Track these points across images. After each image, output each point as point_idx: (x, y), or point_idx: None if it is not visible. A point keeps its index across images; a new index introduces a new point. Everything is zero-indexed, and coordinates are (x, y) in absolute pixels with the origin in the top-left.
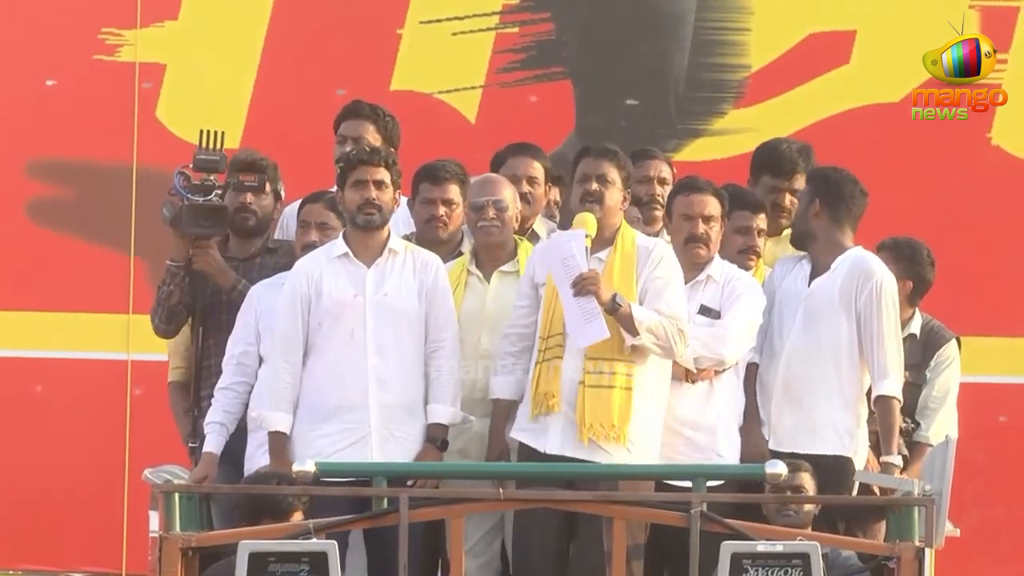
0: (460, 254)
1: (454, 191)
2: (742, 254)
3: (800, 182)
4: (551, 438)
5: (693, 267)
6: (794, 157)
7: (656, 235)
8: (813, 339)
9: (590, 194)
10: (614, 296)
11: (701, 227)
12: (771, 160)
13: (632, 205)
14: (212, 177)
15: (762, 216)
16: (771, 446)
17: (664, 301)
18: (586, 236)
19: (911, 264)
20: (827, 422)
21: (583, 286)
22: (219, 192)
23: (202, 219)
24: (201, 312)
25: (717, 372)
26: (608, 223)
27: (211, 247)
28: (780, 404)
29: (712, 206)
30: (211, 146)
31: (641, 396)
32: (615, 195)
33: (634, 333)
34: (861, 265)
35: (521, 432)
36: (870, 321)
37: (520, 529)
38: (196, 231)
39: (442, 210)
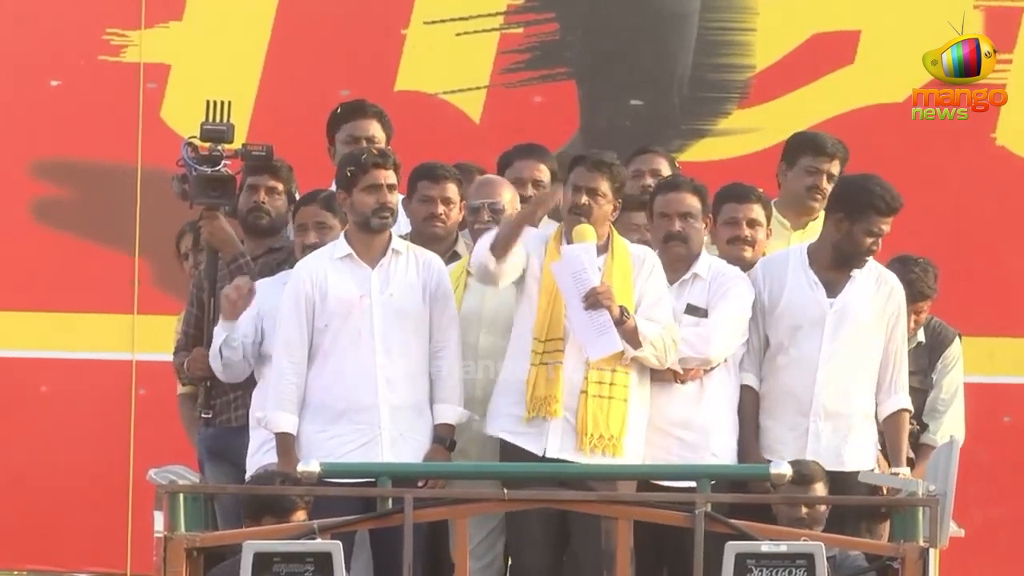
0: (455, 253)
1: (452, 190)
2: (731, 244)
3: (836, 168)
4: (551, 442)
5: (676, 265)
6: (835, 143)
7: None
8: (849, 354)
9: (578, 207)
10: (622, 309)
11: (677, 224)
12: (812, 142)
13: (634, 211)
14: (219, 147)
15: (749, 206)
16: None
17: (659, 310)
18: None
19: (934, 287)
20: (866, 435)
21: (597, 300)
22: (227, 163)
23: (210, 189)
24: (211, 285)
25: (706, 371)
26: (599, 232)
27: (218, 217)
28: (819, 421)
29: (689, 203)
30: (218, 116)
31: (634, 405)
32: (605, 207)
33: (637, 346)
34: (890, 283)
35: (514, 435)
36: (893, 339)
37: (515, 529)
38: (205, 201)
39: (441, 208)
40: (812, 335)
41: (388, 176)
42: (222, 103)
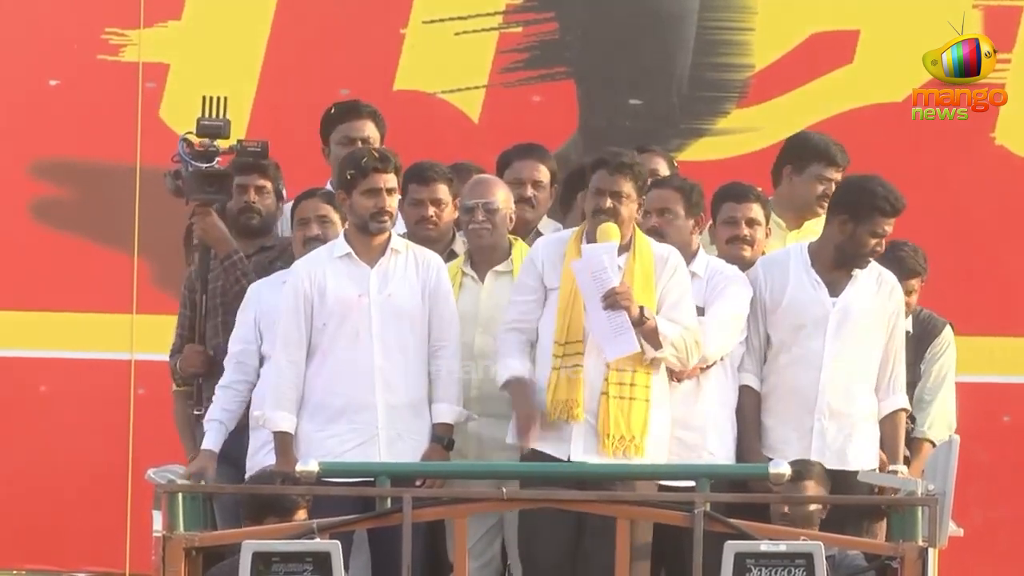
0: (453, 252)
1: (442, 191)
2: (730, 244)
3: (841, 175)
4: (574, 446)
5: None
6: (842, 151)
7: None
8: (851, 354)
9: (603, 211)
10: (642, 310)
11: (654, 220)
12: (822, 151)
13: None
14: (215, 143)
15: (748, 206)
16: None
17: (681, 311)
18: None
19: (924, 266)
20: (869, 434)
21: (615, 300)
22: (220, 158)
23: (206, 185)
24: (203, 284)
25: (702, 369)
26: (623, 233)
27: (211, 214)
28: (823, 420)
29: (668, 199)
30: (214, 112)
31: (655, 405)
32: (630, 208)
33: (657, 347)
34: (890, 282)
35: (535, 442)
36: (892, 339)
37: (529, 528)
38: (200, 197)
39: (431, 211)
40: (815, 334)
41: (388, 180)
42: (218, 99)
